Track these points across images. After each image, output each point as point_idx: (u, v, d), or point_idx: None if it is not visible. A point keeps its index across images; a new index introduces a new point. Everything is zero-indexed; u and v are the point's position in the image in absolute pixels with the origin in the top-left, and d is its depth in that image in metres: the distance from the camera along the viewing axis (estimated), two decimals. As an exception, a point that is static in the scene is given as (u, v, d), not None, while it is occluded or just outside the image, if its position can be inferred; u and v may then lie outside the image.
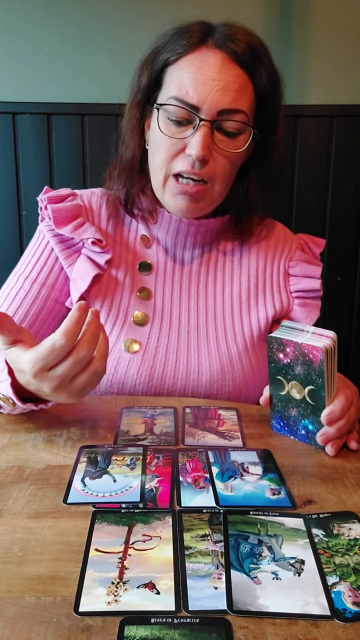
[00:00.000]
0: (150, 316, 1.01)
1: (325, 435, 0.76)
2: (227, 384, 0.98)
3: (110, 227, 1.06)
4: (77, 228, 1.01)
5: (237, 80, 0.90)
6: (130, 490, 0.67)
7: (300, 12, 1.64)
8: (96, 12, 1.61)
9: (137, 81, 0.99)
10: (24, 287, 1.01)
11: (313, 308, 1.07)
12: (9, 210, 1.71)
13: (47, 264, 1.03)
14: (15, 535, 0.59)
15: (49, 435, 0.80)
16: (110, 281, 1.03)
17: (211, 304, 1.04)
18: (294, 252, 1.11)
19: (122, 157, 1.04)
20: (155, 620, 0.48)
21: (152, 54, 0.96)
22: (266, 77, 0.93)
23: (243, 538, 0.59)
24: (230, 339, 1.01)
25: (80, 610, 0.49)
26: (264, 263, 1.08)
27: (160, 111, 0.93)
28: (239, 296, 1.05)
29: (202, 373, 0.98)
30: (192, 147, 0.91)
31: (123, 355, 0.98)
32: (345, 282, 1.82)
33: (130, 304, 1.01)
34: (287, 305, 1.07)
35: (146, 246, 1.06)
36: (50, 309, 1.02)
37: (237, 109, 0.91)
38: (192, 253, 1.06)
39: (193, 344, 1.00)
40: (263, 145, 1.00)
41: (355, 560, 0.57)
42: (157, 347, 0.99)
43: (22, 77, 1.64)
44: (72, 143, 1.67)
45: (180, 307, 1.03)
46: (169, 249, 1.05)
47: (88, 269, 1.00)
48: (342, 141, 1.71)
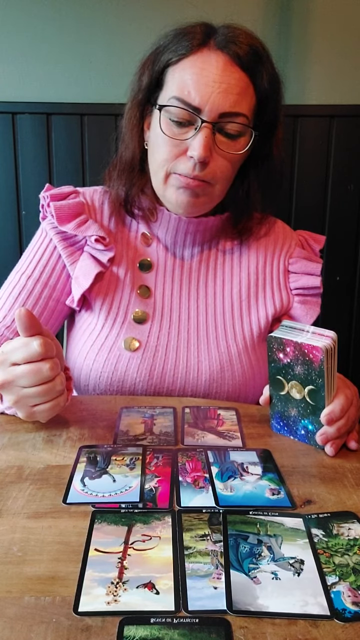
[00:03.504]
0: (150, 314, 1.01)
1: (324, 435, 0.76)
2: (226, 382, 0.98)
3: (113, 225, 1.06)
4: (80, 225, 1.01)
5: (239, 84, 0.90)
6: (130, 490, 0.67)
7: (300, 12, 1.64)
8: (96, 12, 1.61)
9: (138, 81, 0.99)
10: (26, 287, 1.01)
11: (313, 305, 1.07)
12: (8, 210, 1.71)
13: (49, 263, 1.03)
14: (15, 535, 0.58)
15: (49, 435, 0.80)
16: (111, 279, 1.03)
17: (211, 302, 1.04)
18: (294, 249, 1.11)
19: (122, 156, 1.04)
20: (154, 620, 0.48)
21: (154, 54, 0.96)
22: (267, 80, 0.93)
23: (242, 538, 0.59)
24: (230, 337, 1.01)
25: (79, 610, 0.49)
26: (264, 260, 1.08)
27: (162, 112, 0.93)
28: (239, 294, 1.05)
29: (202, 372, 0.98)
30: (194, 148, 0.91)
31: (123, 353, 0.98)
32: (345, 282, 1.82)
33: (130, 302, 1.02)
34: (287, 302, 1.07)
35: (146, 244, 1.06)
36: (52, 309, 1.02)
37: (238, 112, 0.91)
38: (192, 251, 1.06)
39: (193, 342, 1.00)
40: (263, 146, 1.00)
41: (354, 560, 0.57)
42: (157, 345, 0.99)
43: (21, 77, 1.64)
44: (72, 143, 1.67)
45: (180, 305, 1.03)
46: (169, 247, 1.05)
47: (91, 267, 1.01)
48: (342, 141, 1.71)
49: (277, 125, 1.00)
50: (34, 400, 0.73)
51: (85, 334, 1.02)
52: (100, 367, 0.98)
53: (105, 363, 0.97)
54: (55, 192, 1.04)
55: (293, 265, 1.09)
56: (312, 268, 1.08)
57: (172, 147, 0.93)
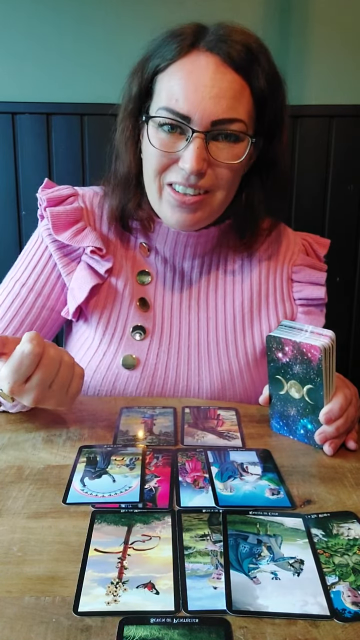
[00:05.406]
0: (150, 329, 0.97)
1: (323, 434, 0.76)
2: (227, 399, 0.96)
3: (112, 233, 1.02)
4: (77, 234, 0.97)
5: (232, 86, 0.84)
6: (130, 490, 0.67)
7: (300, 12, 1.64)
8: (96, 12, 1.61)
9: (128, 90, 0.93)
10: (20, 295, 0.98)
11: (317, 316, 1.03)
12: (8, 210, 1.71)
13: (44, 272, 0.99)
14: (15, 535, 0.58)
15: (49, 435, 0.80)
16: (109, 291, 0.99)
17: (212, 316, 1.00)
18: (297, 256, 1.06)
19: (117, 171, 0.98)
20: (154, 620, 0.48)
21: (142, 61, 0.91)
22: (264, 80, 0.86)
23: (242, 538, 0.59)
24: (232, 354, 0.98)
25: (79, 610, 0.49)
26: (267, 270, 1.03)
27: (150, 123, 0.88)
28: (241, 307, 1.01)
29: (203, 391, 0.96)
30: (185, 161, 0.85)
31: (121, 371, 0.95)
32: (345, 282, 1.82)
33: (129, 316, 0.98)
34: (290, 314, 1.03)
35: (145, 255, 1.01)
36: (45, 319, 0.99)
37: (232, 118, 0.84)
38: (192, 263, 1.01)
39: (193, 360, 0.97)
40: (267, 152, 0.94)
41: (354, 560, 0.57)
42: (156, 363, 0.96)
43: (21, 77, 1.64)
44: (72, 143, 1.67)
45: (181, 320, 0.99)
46: (168, 259, 1.01)
47: (87, 279, 0.96)
48: (342, 141, 1.71)
49: (281, 128, 0.93)
50: (49, 377, 0.72)
51: (82, 348, 0.99)
52: (98, 385, 0.95)
53: (103, 381, 0.95)
54: (53, 194, 1.00)
55: (297, 274, 1.04)
56: (316, 277, 1.04)
57: (163, 157, 0.88)
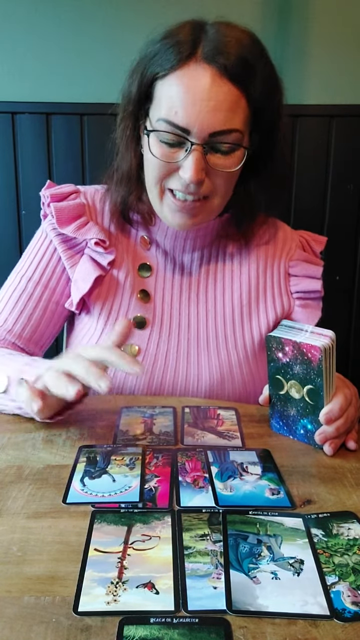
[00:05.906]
0: (150, 319, 1.00)
1: (323, 434, 0.76)
2: (226, 392, 0.98)
3: (113, 227, 1.04)
4: (80, 227, 1.00)
5: (228, 98, 0.86)
6: (130, 490, 0.67)
7: (300, 11, 1.64)
8: (95, 11, 1.61)
9: (127, 91, 0.95)
10: (27, 290, 1.01)
11: (314, 309, 1.06)
12: (8, 210, 1.71)
13: (49, 265, 1.02)
14: (15, 535, 0.58)
15: (48, 435, 0.80)
16: (111, 283, 1.01)
17: (211, 308, 1.02)
18: (295, 251, 1.09)
19: (119, 168, 1.01)
20: (154, 620, 0.48)
21: (141, 63, 0.92)
22: (261, 88, 0.88)
23: (242, 538, 0.59)
24: (231, 345, 1.00)
25: (79, 610, 0.49)
26: (265, 264, 1.06)
27: (151, 133, 0.90)
28: (239, 299, 1.03)
29: (202, 381, 0.97)
30: (185, 171, 0.88)
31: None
32: (344, 282, 1.82)
33: (130, 307, 1.00)
34: (288, 307, 1.05)
35: (146, 248, 1.04)
36: (52, 312, 1.02)
37: (229, 129, 0.87)
38: (192, 256, 1.04)
39: (193, 351, 0.99)
40: (264, 147, 0.97)
41: (354, 560, 0.57)
42: (156, 353, 0.98)
43: (21, 77, 1.64)
44: (72, 143, 1.67)
45: (180, 311, 1.02)
46: (168, 252, 1.04)
47: (90, 271, 0.99)
48: (342, 141, 1.71)
49: (278, 124, 0.96)
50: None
51: (85, 338, 1.01)
52: None
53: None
54: (56, 191, 1.03)
55: (293, 268, 1.07)
56: (312, 271, 1.07)
57: (163, 166, 0.90)
